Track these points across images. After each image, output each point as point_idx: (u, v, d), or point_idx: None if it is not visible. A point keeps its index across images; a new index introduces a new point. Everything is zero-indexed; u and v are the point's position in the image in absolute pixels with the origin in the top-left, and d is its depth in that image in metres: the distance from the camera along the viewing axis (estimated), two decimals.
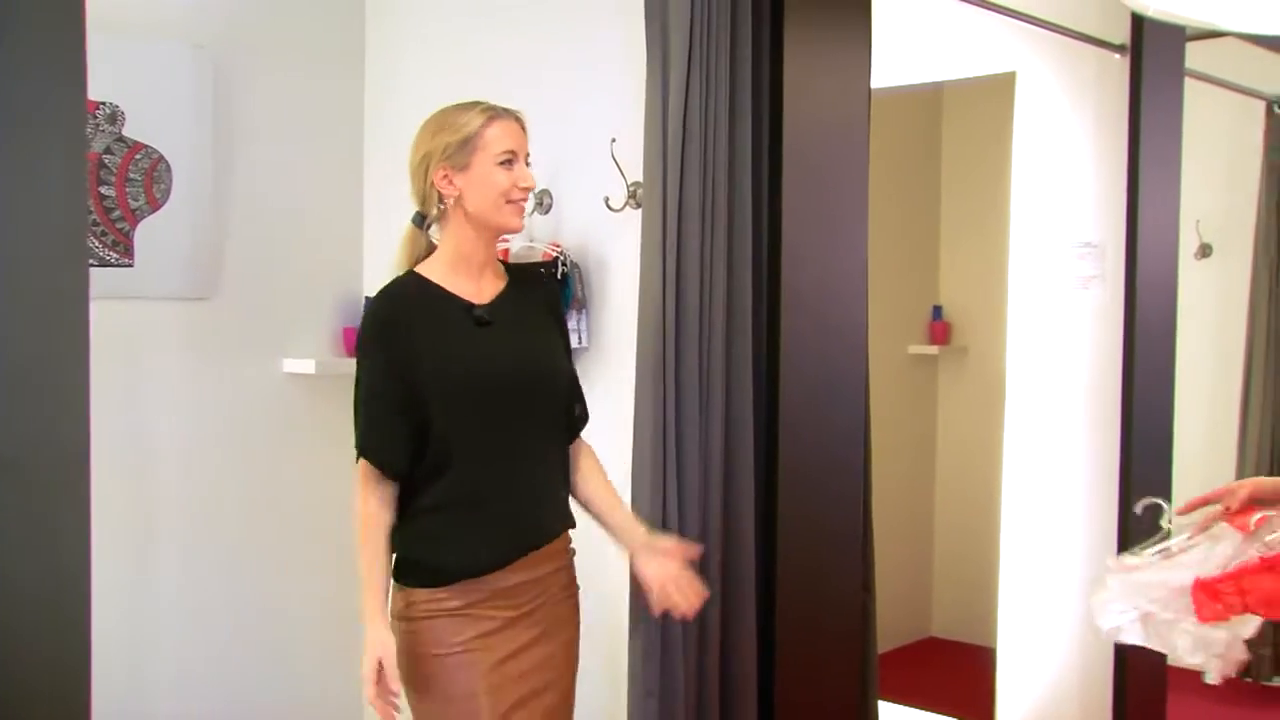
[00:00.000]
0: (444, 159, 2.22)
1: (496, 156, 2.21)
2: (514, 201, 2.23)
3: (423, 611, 2.19)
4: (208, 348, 3.28)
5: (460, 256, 2.26)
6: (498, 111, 2.25)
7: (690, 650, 2.44)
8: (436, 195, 2.23)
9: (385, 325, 2.22)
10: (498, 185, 2.21)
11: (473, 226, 2.24)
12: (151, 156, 3.10)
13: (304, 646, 3.45)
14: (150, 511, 3.19)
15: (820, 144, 2.64)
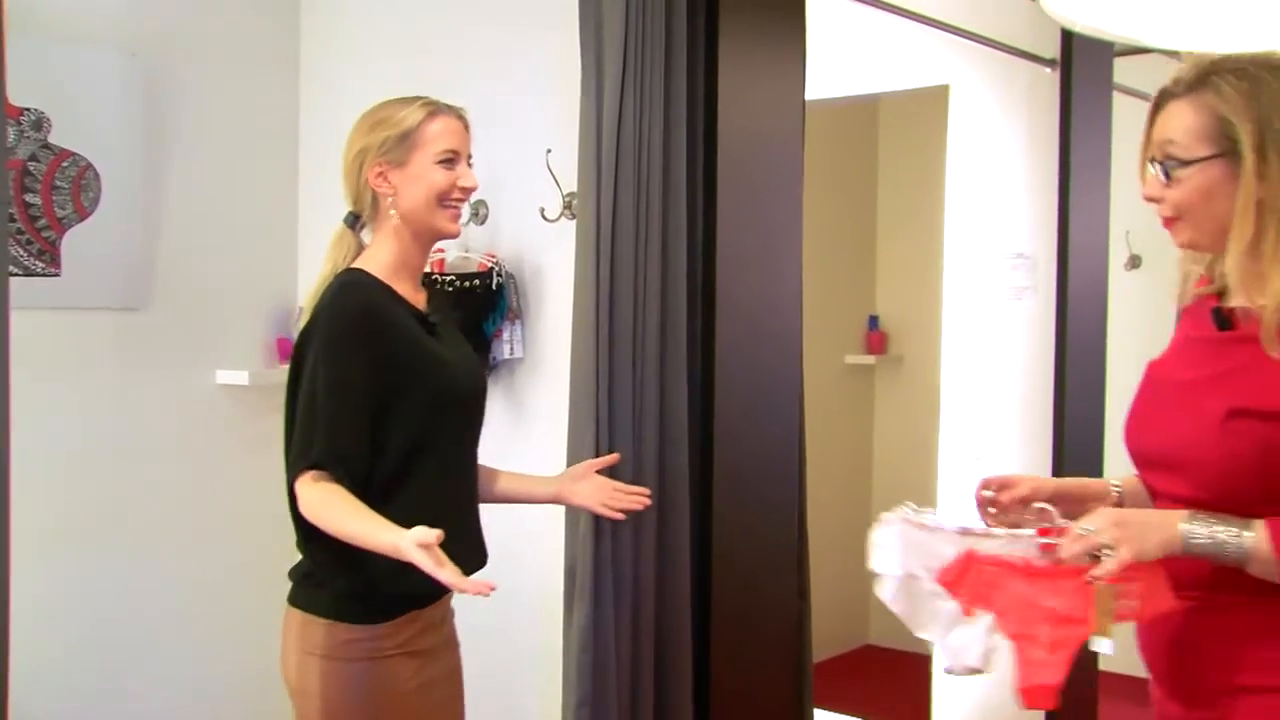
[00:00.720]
0: (380, 154, 2.07)
1: (436, 155, 2.07)
2: (451, 204, 2.09)
3: (367, 650, 2.00)
4: (138, 359, 3.23)
5: (400, 261, 2.10)
6: (440, 107, 2.12)
7: (624, 659, 2.44)
8: (370, 194, 2.09)
9: (368, 318, 2.00)
10: (435, 185, 2.06)
11: (409, 229, 2.08)
12: (79, 164, 3.05)
13: (237, 659, 3.40)
14: (79, 526, 3.14)
15: (754, 154, 2.65)
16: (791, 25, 2.77)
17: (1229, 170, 1.59)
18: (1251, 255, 1.58)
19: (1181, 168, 1.62)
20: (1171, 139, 1.64)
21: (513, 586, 2.94)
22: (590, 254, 2.45)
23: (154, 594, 3.28)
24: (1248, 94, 1.57)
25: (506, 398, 2.99)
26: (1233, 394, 1.58)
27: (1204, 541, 1.56)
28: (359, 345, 1.98)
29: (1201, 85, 1.61)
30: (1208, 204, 1.62)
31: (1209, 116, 1.60)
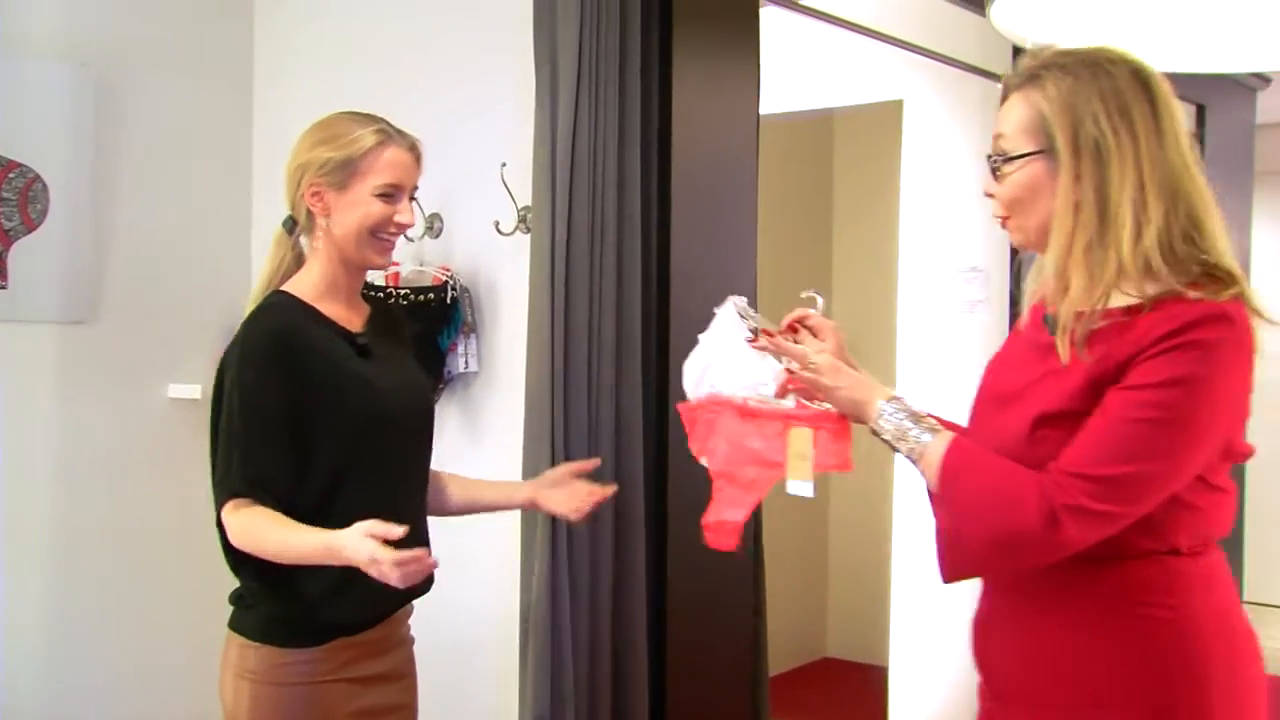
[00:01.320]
0: (320, 174, 1.97)
1: (378, 187, 1.98)
2: (384, 238, 2.01)
3: (300, 675, 1.95)
4: (88, 373, 3.19)
5: (329, 282, 2.02)
6: (393, 135, 2.02)
7: (581, 676, 2.43)
8: (305, 209, 2.01)
9: (277, 341, 1.93)
10: (370, 217, 1.97)
11: (337, 253, 2.00)
12: (27, 175, 3.01)
13: (184, 677, 3.36)
14: (24, 542, 3.09)
15: (709, 168, 2.66)
16: (745, 40, 2.78)
17: (1051, 168, 1.55)
18: (1066, 257, 1.54)
19: (1007, 163, 1.60)
20: (1001, 133, 1.62)
21: (469, 604, 2.93)
22: (545, 268, 2.45)
23: (103, 612, 3.23)
24: (1069, 91, 1.54)
25: (461, 411, 2.98)
26: (1040, 401, 1.56)
27: (890, 426, 1.62)
28: (270, 367, 1.91)
29: (1031, 80, 1.58)
30: (1032, 202, 1.58)
31: (1033, 112, 1.56)
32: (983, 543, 1.53)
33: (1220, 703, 1.52)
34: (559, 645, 2.38)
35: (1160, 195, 1.51)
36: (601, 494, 2.19)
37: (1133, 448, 1.45)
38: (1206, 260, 1.52)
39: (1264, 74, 4.93)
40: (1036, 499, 1.46)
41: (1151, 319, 1.47)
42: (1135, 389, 1.45)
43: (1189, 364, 1.44)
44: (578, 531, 2.42)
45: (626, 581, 2.51)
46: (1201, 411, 1.46)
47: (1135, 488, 1.45)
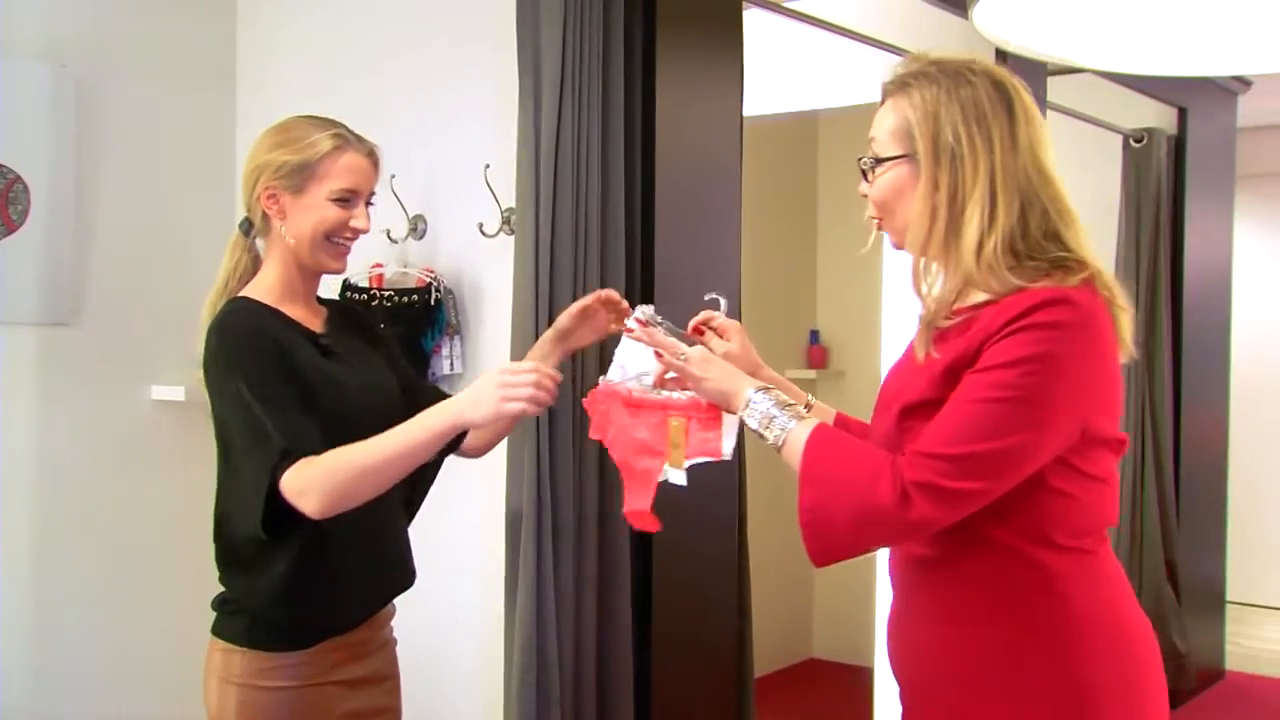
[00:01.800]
0: (276, 177, 1.97)
1: (334, 191, 1.97)
2: (339, 243, 2.01)
3: (286, 678, 1.94)
4: (70, 375, 3.18)
5: (287, 284, 2.02)
6: (350, 140, 2.01)
7: (567, 678, 2.43)
8: (261, 212, 2.01)
9: (254, 336, 1.93)
10: (325, 221, 1.97)
11: (293, 256, 2.00)
12: (7, 177, 3.00)
13: (168, 677, 3.34)
14: (6, 543, 3.08)
15: (693, 170, 2.67)
16: (729, 42, 2.79)
17: (913, 173, 1.62)
18: (922, 256, 1.63)
19: (876, 165, 1.66)
20: (873, 136, 1.68)
21: (454, 607, 2.93)
22: (529, 269, 2.44)
23: (85, 613, 3.22)
24: (932, 100, 1.60)
25: None
26: (905, 395, 1.61)
27: (757, 414, 1.64)
28: (261, 351, 1.92)
29: (902, 87, 1.64)
30: (898, 204, 1.65)
31: (901, 118, 1.62)
32: (841, 523, 1.56)
33: (1110, 704, 1.54)
34: (544, 648, 2.38)
35: (1010, 201, 1.57)
36: (611, 295, 2.13)
37: (982, 426, 1.48)
38: (1062, 256, 1.57)
39: (1245, 77, 4.96)
40: (890, 477, 1.50)
41: (996, 309, 1.52)
42: (983, 371, 1.50)
43: (1032, 344, 1.48)
44: (563, 534, 2.42)
45: (611, 583, 2.51)
46: (1049, 389, 1.49)
47: (986, 465, 1.48)
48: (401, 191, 2.95)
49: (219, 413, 1.97)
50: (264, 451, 1.85)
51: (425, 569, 2.21)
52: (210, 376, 1.97)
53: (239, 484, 1.92)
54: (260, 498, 1.85)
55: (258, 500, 1.85)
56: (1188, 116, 4.90)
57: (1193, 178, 4.93)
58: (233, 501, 1.96)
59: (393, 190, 2.95)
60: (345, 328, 2.11)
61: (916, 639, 1.66)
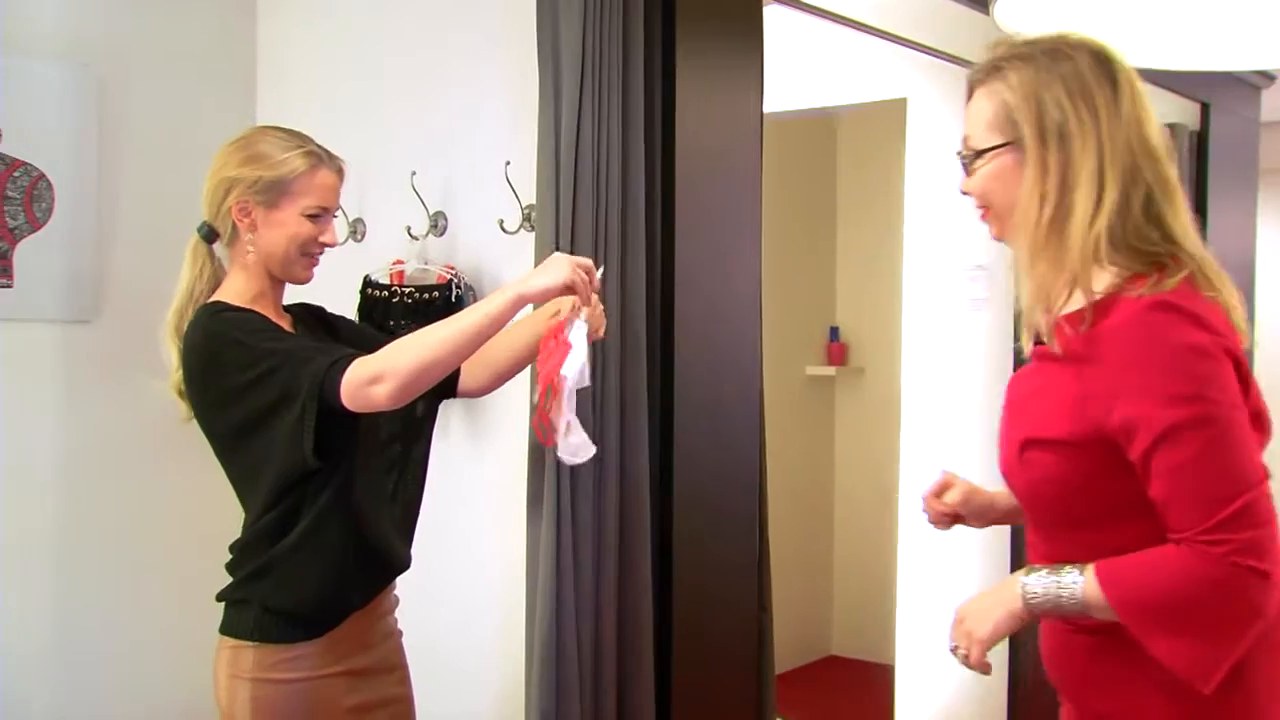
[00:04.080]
0: (250, 191, 2.03)
1: (307, 208, 2.05)
2: (310, 257, 2.09)
3: (296, 670, 1.99)
4: (90, 372, 3.20)
5: (258, 292, 2.07)
6: (322, 159, 2.08)
7: (586, 673, 2.43)
8: (231, 224, 2.07)
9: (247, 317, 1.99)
10: (299, 236, 2.05)
11: (262, 267, 2.06)
12: (31, 174, 3.02)
13: (186, 670, 3.36)
14: (28, 541, 3.10)
15: (712, 168, 2.66)
16: (749, 38, 2.78)
17: (1018, 159, 1.56)
18: (1030, 249, 1.55)
19: (976, 158, 1.61)
20: (969, 129, 1.63)
21: (474, 601, 2.93)
22: None
23: (105, 607, 3.24)
24: (1030, 81, 1.54)
25: (466, 410, 2.98)
26: (1026, 423, 1.57)
27: (1042, 601, 1.55)
28: (260, 321, 1.99)
29: (994, 73, 1.59)
30: (1003, 194, 1.59)
31: (998, 104, 1.57)
32: (1218, 641, 1.46)
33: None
34: (564, 642, 2.38)
35: (1117, 177, 1.51)
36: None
37: (1220, 476, 1.43)
38: (1160, 248, 1.52)
39: (1268, 72, 4.92)
40: (1215, 574, 1.42)
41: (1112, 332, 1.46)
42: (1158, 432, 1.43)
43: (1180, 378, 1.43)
44: (583, 528, 2.42)
45: (631, 579, 2.51)
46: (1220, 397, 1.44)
47: (1258, 500, 1.43)
48: (422, 188, 2.95)
49: (231, 410, 1.99)
50: (309, 374, 1.89)
51: (444, 561, 2.22)
52: (208, 380, 2.01)
53: (280, 435, 1.93)
54: (310, 418, 1.88)
55: (306, 422, 1.89)
56: (1210, 112, 4.87)
57: (1215, 173, 4.89)
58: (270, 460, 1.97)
59: (413, 187, 2.95)
60: (314, 330, 2.17)
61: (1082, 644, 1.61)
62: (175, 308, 2.13)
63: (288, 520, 2.00)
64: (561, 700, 2.38)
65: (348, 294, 2.96)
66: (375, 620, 2.12)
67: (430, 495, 2.39)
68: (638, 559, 2.51)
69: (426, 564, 2.41)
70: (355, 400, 1.87)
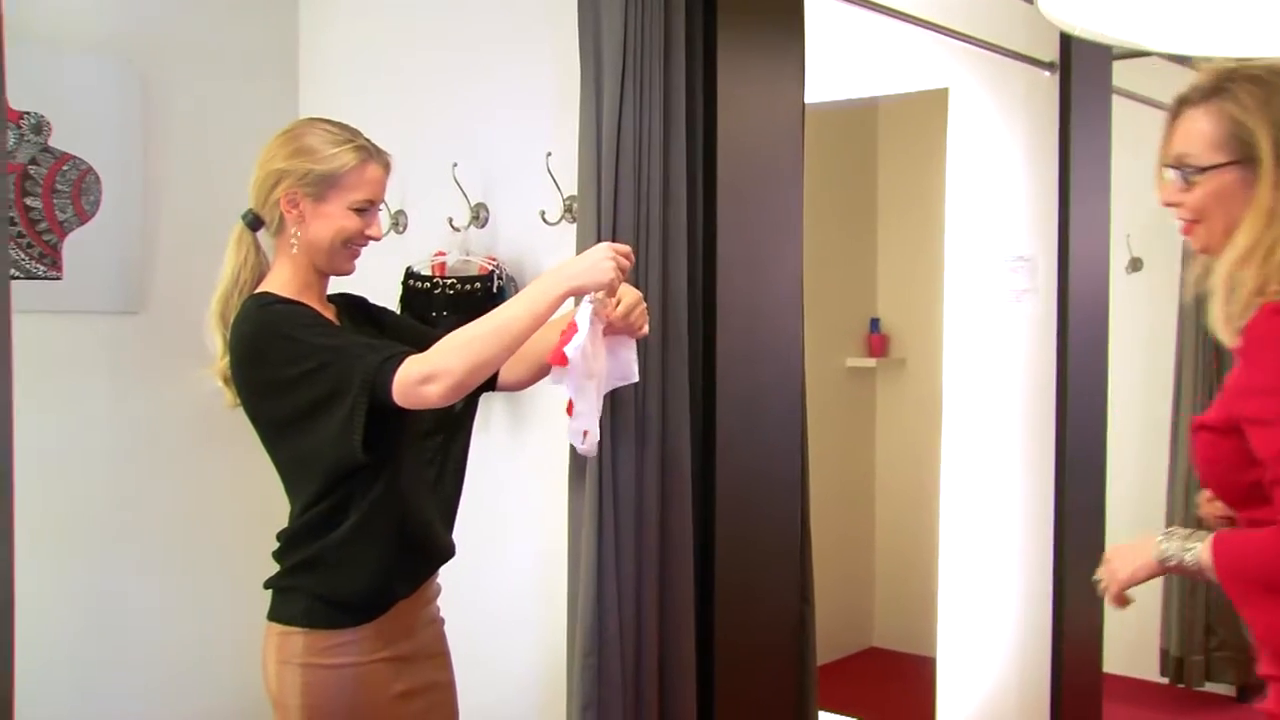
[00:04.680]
0: (300, 183, 2.07)
1: (355, 202, 2.08)
2: (354, 249, 2.12)
3: (343, 656, 2.03)
4: (137, 362, 3.24)
5: (304, 283, 2.11)
6: (371, 154, 2.12)
7: (628, 662, 2.43)
8: (278, 215, 2.10)
9: (303, 312, 2.03)
10: (345, 230, 2.08)
11: (307, 258, 2.09)
12: (79, 168, 3.06)
13: (231, 660, 3.39)
14: (77, 530, 3.14)
15: (754, 159, 2.65)
16: (790, 28, 2.77)
17: (1245, 177, 1.64)
18: (1243, 261, 1.63)
19: (1198, 174, 1.69)
20: (1188, 146, 1.70)
21: (516, 590, 2.94)
22: None
23: (150, 595, 3.28)
24: (1264, 101, 1.63)
25: (507, 400, 2.99)
26: (1206, 411, 1.69)
27: (1170, 559, 1.68)
28: (310, 323, 2.01)
29: (1219, 93, 1.67)
30: (1223, 209, 1.67)
31: (1226, 123, 1.66)
32: None
33: None
34: (605, 633, 2.38)
35: None
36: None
37: None
38: None
39: None
40: None
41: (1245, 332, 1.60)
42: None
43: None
44: (624, 518, 2.42)
45: (673, 569, 2.51)
46: None
47: None
48: (464, 180, 2.97)
49: (279, 402, 2.01)
50: (361, 370, 1.91)
51: (485, 550, 2.23)
52: (256, 371, 2.03)
53: (330, 429, 1.95)
54: (360, 414, 1.91)
55: (356, 418, 1.91)
56: None
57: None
58: (319, 452, 1.99)
59: (455, 179, 2.97)
60: (358, 321, 2.20)
61: None
62: (220, 295, 2.16)
63: (337, 512, 2.03)
64: (604, 689, 2.39)
65: (389, 285, 2.98)
66: (420, 608, 2.15)
67: (471, 486, 2.40)
68: (679, 550, 2.51)
69: (468, 554, 2.43)
70: (408, 398, 1.90)
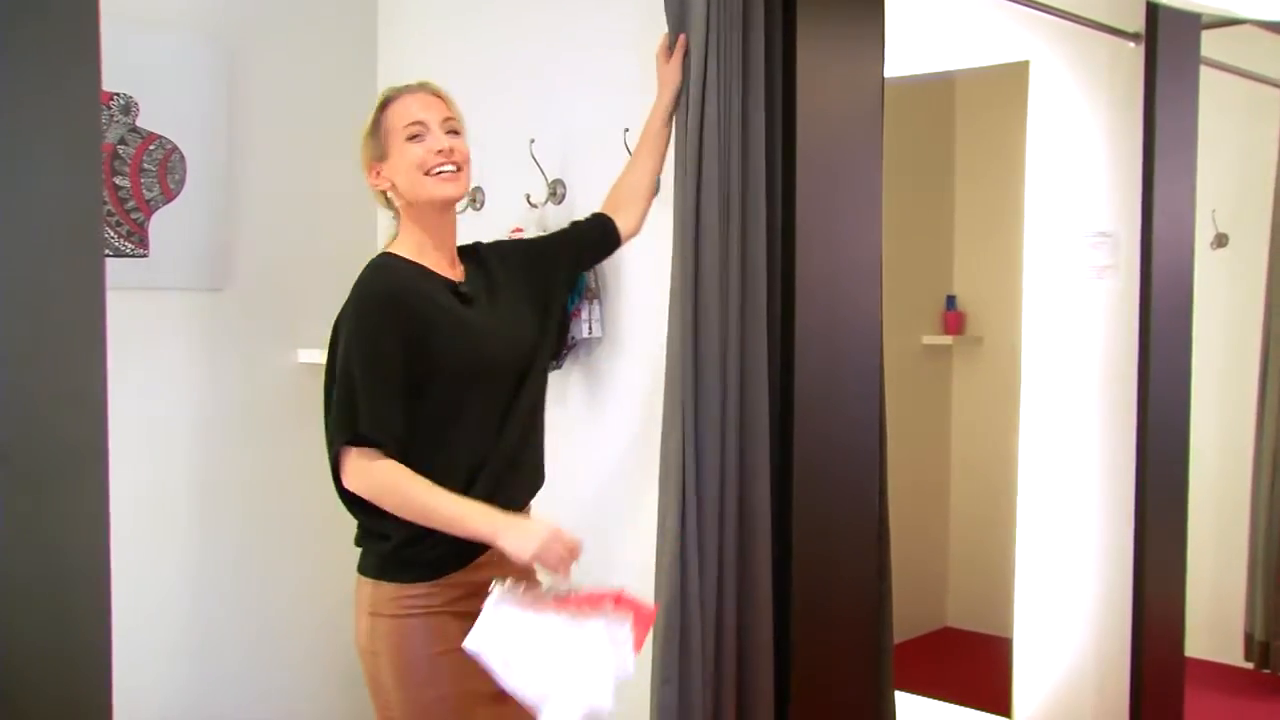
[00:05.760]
0: (368, 156, 2.24)
1: (404, 133, 2.18)
2: (434, 172, 2.18)
3: (417, 607, 2.14)
4: (222, 338, 3.29)
5: (421, 239, 2.22)
6: (398, 90, 2.24)
7: (708, 643, 2.44)
8: (381, 191, 2.25)
9: (390, 298, 2.12)
10: (412, 160, 2.17)
11: (415, 209, 2.21)
12: (165, 147, 3.11)
13: (315, 633, 3.46)
14: (164, 502, 3.21)
15: (834, 135, 2.63)
16: (870, 3, 2.74)
17: None
18: None
19: None
20: None
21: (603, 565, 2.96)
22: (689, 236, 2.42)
23: (234, 565, 3.34)
24: None
25: (585, 376, 3.01)
26: None
27: None
28: (385, 321, 2.10)
29: None
30: None
31: None
32: None
33: None
34: (687, 608, 2.39)
35: None
36: None
37: None
38: None
39: None
40: None
41: None
42: None
43: None
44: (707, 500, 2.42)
45: (752, 546, 2.51)
46: None
47: None
48: (540, 156, 2.98)
49: (334, 359, 2.16)
50: (342, 429, 2.09)
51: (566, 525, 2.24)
52: (340, 323, 2.16)
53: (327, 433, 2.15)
54: (331, 466, 2.12)
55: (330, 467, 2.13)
56: None
57: None
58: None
59: (531, 155, 2.98)
60: (484, 275, 2.28)
61: None
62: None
63: (418, 467, 2.10)
64: (683, 665, 2.40)
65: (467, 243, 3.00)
66: (498, 571, 2.16)
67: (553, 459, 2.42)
68: (758, 529, 2.51)
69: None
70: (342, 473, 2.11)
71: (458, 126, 2.24)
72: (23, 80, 1.38)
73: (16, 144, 1.38)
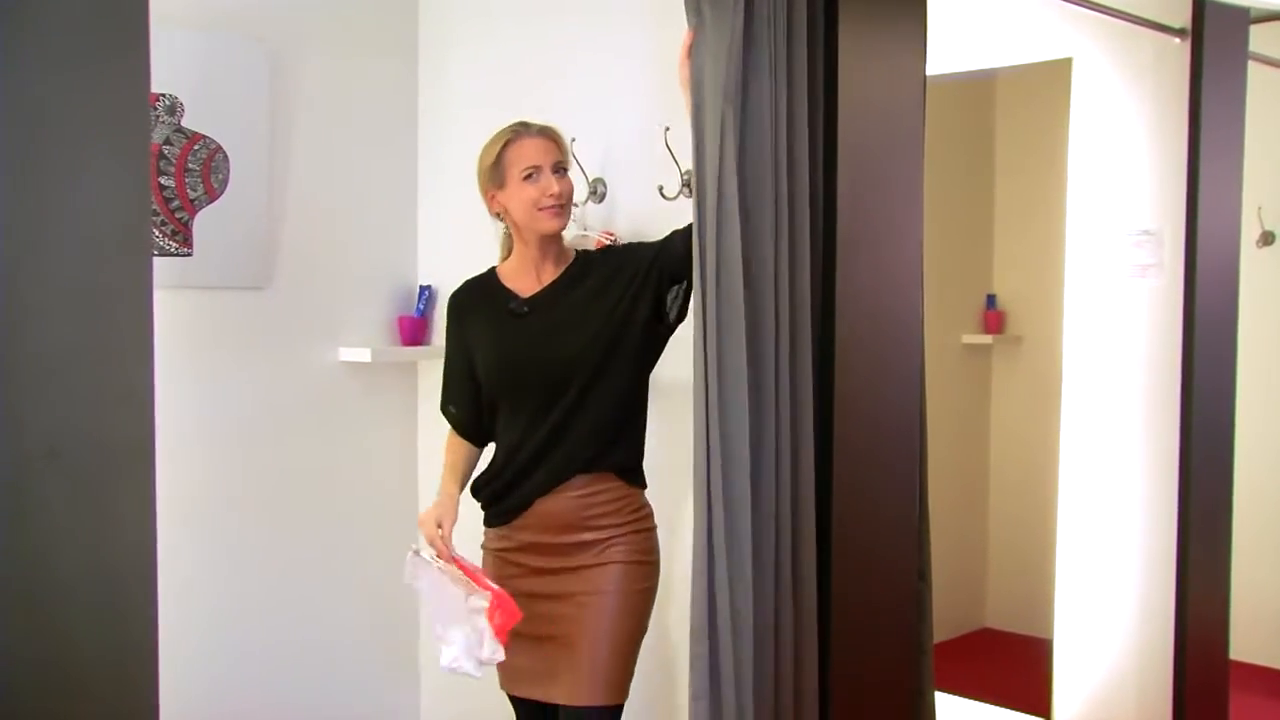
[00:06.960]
0: (487, 182, 2.63)
1: (521, 172, 2.58)
2: (545, 209, 2.58)
3: (492, 544, 2.72)
4: (264, 337, 3.32)
5: (519, 260, 2.69)
6: (519, 131, 2.61)
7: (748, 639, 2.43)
8: (496, 212, 2.67)
9: (452, 311, 2.77)
10: (526, 199, 2.58)
11: (524, 232, 2.63)
12: (209, 147, 3.14)
13: (359, 629, 3.48)
14: (208, 500, 3.24)
15: (875, 132, 2.62)
16: (912, 1, 2.72)
17: None
18: None
19: None
20: None
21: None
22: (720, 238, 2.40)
23: (276, 563, 3.37)
24: None
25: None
26: None
27: None
28: (452, 329, 2.77)
29: None
30: None
31: None
32: None
33: None
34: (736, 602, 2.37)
35: None
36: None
37: None
38: None
39: None
40: None
41: None
42: None
43: None
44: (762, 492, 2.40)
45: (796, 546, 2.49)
46: None
47: None
48: (581, 155, 2.98)
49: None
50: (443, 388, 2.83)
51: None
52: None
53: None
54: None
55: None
56: None
57: None
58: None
59: (572, 154, 2.98)
60: (581, 276, 2.65)
61: None
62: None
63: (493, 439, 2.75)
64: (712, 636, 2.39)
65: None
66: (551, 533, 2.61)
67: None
68: (801, 529, 2.50)
69: None
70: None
71: (566, 165, 2.65)
72: (73, 82, 1.39)
73: (66, 145, 1.39)
